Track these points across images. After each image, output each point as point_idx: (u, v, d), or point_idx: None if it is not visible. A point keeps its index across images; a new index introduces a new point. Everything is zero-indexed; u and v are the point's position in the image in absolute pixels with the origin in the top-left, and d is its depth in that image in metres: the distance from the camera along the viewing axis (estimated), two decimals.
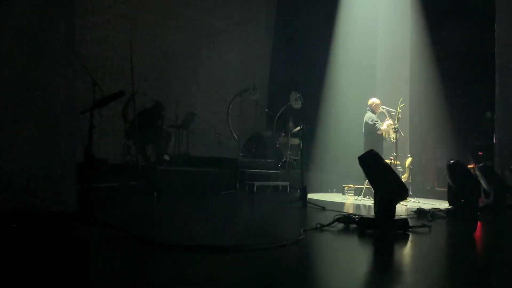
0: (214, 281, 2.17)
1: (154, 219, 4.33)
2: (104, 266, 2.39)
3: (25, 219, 2.95)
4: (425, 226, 4.11)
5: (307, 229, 3.55)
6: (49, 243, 2.73)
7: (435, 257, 3.18)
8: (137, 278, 2.17)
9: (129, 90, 6.83)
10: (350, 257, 2.99)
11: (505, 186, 5.99)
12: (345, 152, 9.59)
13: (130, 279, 2.16)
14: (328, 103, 10.47)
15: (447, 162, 5.58)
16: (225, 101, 10.27)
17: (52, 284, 1.97)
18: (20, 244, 2.65)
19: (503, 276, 2.58)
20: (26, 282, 1.96)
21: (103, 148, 7.81)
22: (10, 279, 1.98)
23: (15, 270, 2.12)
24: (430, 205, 6.55)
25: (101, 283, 2.09)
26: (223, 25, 10.46)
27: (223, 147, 10.33)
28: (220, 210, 5.34)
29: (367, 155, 3.97)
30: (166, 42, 9.09)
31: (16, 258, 2.35)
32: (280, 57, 11.33)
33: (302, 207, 5.42)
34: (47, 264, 2.28)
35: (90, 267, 2.39)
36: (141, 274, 2.27)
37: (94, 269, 2.37)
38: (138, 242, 2.84)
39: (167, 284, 2.10)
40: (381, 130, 7.37)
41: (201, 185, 6.79)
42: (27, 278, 2.01)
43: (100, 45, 7.87)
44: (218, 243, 2.79)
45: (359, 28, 10.16)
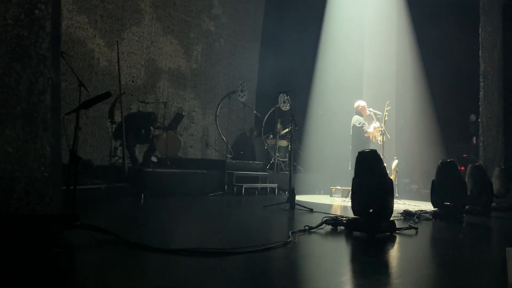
0: (202, 285, 2.15)
1: (142, 221, 4.29)
2: (91, 271, 2.35)
3: (8, 222, 2.89)
4: (412, 228, 4.15)
5: (295, 231, 3.55)
6: (33, 247, 2.68)
7: (423, 259, 3.21)
8: (125, 282, 2.14)
9: (116, 91, 6.77)
10: (338, 259, 3.00)
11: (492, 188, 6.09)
12: (332, 154, 9.66)
13: (118, 283, 2.13)
14: (316, 105, 10.53)
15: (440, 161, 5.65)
16: (213, 103, 10.25)
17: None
18: (2, 247, 2.59)
19: (489, 277, 2.62)
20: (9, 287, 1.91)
21: (89, 150, 7.72)
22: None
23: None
24: (416, 206, 6.62)
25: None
26: (211, 26, 10.44)
27: (211, 149, 10.30)
28: (208, 212, 5.31)
29: (370, 153, 3.99)
30: (154, 43, 9.03)
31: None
32: (268, 59, 11.35)
33: (290, 209, 5.42)
34: (30, 268, 2.23)
35: (76, 272, 2.35)
36: (129, 278, 2.24)
37: (80, 273, 2.32)
38: (125, 246, 2.80)
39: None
40: (368, 132, 7.43)
41: (189, 187, 6.75)
42: (9, 283, 1.97)
43: (86, 46, 7.78)
44: (206, 246, 2.77)
45: (346, 31, 10.24)
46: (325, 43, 10.52)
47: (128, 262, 2.56)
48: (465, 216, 5.29)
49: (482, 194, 5.87)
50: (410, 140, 10.39)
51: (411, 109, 10.42)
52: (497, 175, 7.21)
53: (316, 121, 10.44)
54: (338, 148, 9.15)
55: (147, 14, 8.91)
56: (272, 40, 11.44)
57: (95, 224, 3.07)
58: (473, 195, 5.83)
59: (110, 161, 7.01)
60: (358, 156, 3.99)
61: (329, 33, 10.48)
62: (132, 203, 5.42)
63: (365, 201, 3.87)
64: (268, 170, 8.88)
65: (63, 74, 6.43)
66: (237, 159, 8.64)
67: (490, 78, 9.20)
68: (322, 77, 10.49)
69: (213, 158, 10.26)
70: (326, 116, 10.31)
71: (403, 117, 10.50)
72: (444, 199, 5.33)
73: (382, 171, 3.93)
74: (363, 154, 4.03)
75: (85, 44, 7.77)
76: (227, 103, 8.66)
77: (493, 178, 7.08)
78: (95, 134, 7.85)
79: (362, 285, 2.27)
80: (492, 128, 9.15)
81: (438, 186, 5.41)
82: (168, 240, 3.36)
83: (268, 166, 9.04)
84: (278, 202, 5.82)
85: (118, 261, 2.58)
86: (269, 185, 8.18)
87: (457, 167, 5.61)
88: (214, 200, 6.39)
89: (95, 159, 7.46)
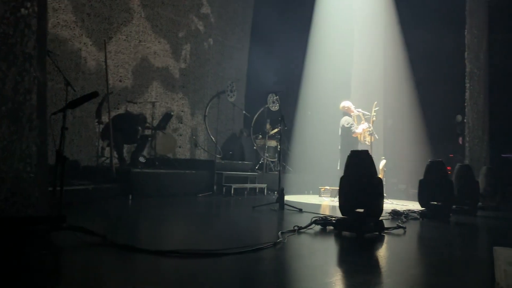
0: (190, 287, 2.14)
1: (129, 222, 4.24)
2: (78, 273, 2.32)
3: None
4: (400, 228, 4.19)
5: (284, 232, 3.55)
6: (18, 249, 2.63)
7: (411, 259, 3.23)
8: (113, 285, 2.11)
9: (103, 90, 6.70)
10: (327, 259, 3.01)
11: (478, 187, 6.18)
12: (321, 154, 9.70)
13: (105, 286, 2.11)
14: (305, 106, 10.57)
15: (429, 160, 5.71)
16: (202, 103, 10.21)
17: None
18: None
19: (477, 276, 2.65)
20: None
21: (75, 150, 7.62)
22: None
23: None
24: (403, 206, 6.68)
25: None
26: (200, 26, 10.39)
27: (200, 149, 10.26)
28: (197, 213, 5.28)
29: (364, 153, 4.01)
30: (142, 42, 8.96)
31: None
32: (258, 59, 11.35)
33: (279, 209, 5.43)
34: (16, 271, 2.19)
35: (63, 274, 2.31)
36: (117, 281, 2.21)
37: (66, 276, 2.29)
38: (113, 247, 2.77)
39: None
40: (356, 133, 7.47)
41: (177, 187, 6.71)
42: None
43: (73, 44, 7.68)
44: (195, 247, 2.75)
45: (335, 32, 10.31)
46: (314, 44, 10.57)
47: (116, 264, 2.53)
48: (452, 215, 5.36)
49: (468, 193, 5.95)
50: (398, 140, 10.49)
51: (398, 110, 10.52)
52: (484, 174, 7.32)
53: (305, 122, 10.48)
54: (327, 148, 9.19)
55: (135, 13, 8.83)
56: (261, 40, 11.45)
57: (82, 225, 3.03)
58: (460, 195, 5.91)
59: (98, 161, 6.93)
60: (351, 154, 4.00)
61: (318, 34, 10.53)
62: (119, 204, 5.37)
63: (354, 201, 3.90)
64: (257, 170, 8.88)
65: (49, 73, 6.33)
66: (226, 159, 8.63)
67: (475, 79, 9.35)
68: (311, 77, 10.54)
69: (202, 158, 10.22)
70: (315, 117, 10.36)
71: (391, 117, 10.60)
72: (432, 199, 5.40)
73: (373, 171, 3.96)
74: (355, 153, 4.05)
75: (72, 43, 7.67)
76: (216, 103, 8.63)
77: (480, 177, 7.19)
78: (82, 134, 7.76)
79: (351, 285, 2.28)
80: (477, 129, 9.29)
81: (426, 186, 5.47)
82: (157, 241, 3.33)
83: (257, 166, 9.04)
84: (267, 203, 5.82)
85: (105, 263, 2.54)
86: (258, 185, 8.17)
87: (445, 167, 5.67)
88: (203, 201, 6.36)
89: (82, 159, 7.37)
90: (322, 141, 9.63)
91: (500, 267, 2.08)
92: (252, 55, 11.78)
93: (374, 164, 3.99)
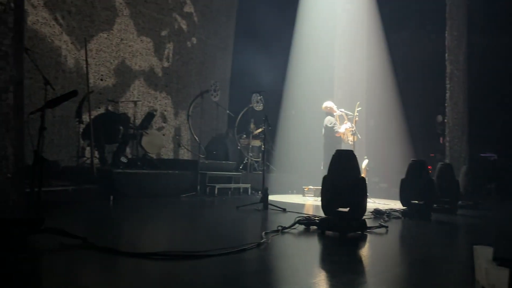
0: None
1: (111, 224, 4.17)
2: (57, 278, 2.25)
3: None
4: (382, 227, 4.23)
5: (268, 232, 3.54)
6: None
7: (394, 258, 3.26)
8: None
9: (84, 89, 6.57)
10: (311, 259, 3.01)
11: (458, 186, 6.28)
12: (305, 153, 9.74)
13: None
14: (289, 105, 10.60)
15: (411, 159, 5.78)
16: (185, 102, 10.13)
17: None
18: None
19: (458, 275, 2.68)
20: None
21: (55, 150, 7.47)
22: None
23: None
24: (385, 205, 6.75)
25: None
26: (183, 25, 10.31)
27: (183, 149, 10.18)
28: (180, 214, 5.23)
29: (349, 152, 4.02)
30: (124, 40, 8.83)
31: None
32: (241, 59, 11.33)
33: (263, 209, 5.42)
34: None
35: (41, 278, 2.25)
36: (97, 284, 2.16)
37: (45, 280, 2.22)
38: (93, 250, 2.71)
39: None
40: (339, 132, 7.52)
41: (160, 188, 6.63)
42: None
43: (53, 42, 7.52)
44: (178, 249, 2.72)
45: (318, 32, 10.37)
46: (298, 44, 10.61)
47: (97, 267, 2.48)
48: (433, 214, 5.43)
49: (449, 192, 6.04)
50: (380, 140, 10.62)
51: (380, 110, 10.65)
52: (464, 173, 7.46)
53: (289, 121, 10.51)
54: (311, 148, 9.23)
55: (117, 11, 8.70)
56: (245, 40, 11.42)
57: (61, 228, 2.95)
58: (441, 194, 5.99)
59: (78, 162, 6.80)
60: (335, 154, 4.02)
61: (301, 34, 10.57)
62: (100, 205, 5.27)
63: (337, 201, 3.91)
64: (241, 170, 8.85)
65: (27, 71, 6.17)
66: (210, 159, 8.58)
67: (455, 80, 9.52)
68: (295, 77, 10.57)
69: (185, 158, 10.14)
70: (299, 116, 10.39)
71: (373, 117, 10.73)
72: (413, 198, 5.47)
73: (357, 171, 3.98)
74: (340, 152, 4.07)
75: (52, 41, 7.50)
76: (199, 103, 8.57)
77: (460, 176, 7.32)
78: (62, 134, 7.60)
79: (335, 285, 2.28)
80: (457, 128, 9.47)
81: (408, 185, 5.53)
82: (139, 243, 3.28)
83: (241, 166, 9.02)
84: (251, 203, 5.80)
85: (86, 267, 2.49)
86: (242, 185, 8.15)
87: (426, 166, 5.75)
88: (187, 201, 6.31)
89: (62, 159, 7.22)
90: (306, 141, 9.67)
91: (481, 265, 2.11)
92: (236, 55, 11.75)
93: (358, 163, 4.02)
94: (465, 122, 9.44)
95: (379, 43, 10.41)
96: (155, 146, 7.61)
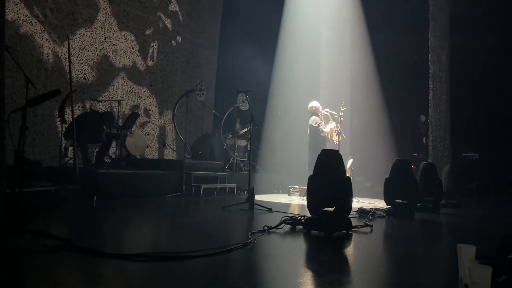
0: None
1: (94, 225, 4.11)
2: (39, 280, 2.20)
3: None
4: (367, 226, 4.26)
5: (254, 232, 3.54)
6: None
7: (378, 257, 3.29)
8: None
9: (67, 88, 6.46)
10: (297, 259, 3.01)
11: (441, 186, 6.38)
12: (290, 153, 9.77)
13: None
14: (274, 105, 10.61)
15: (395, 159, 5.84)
16: (170, 102, 10.05)
17: None
18: None
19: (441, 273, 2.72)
20: None
21: (37, 150, 7.33)
22: None
23: None
24: (370, 204, 6.82)
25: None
26: (168, 23, 10.23)
27: (168, 149, 10.10)
28: (165, 215, 5.19)
29: (334, 152, 4.04)
30: (107, 39, 8.71)
31: None
32: (227, 58, 11.30)
33: (249, 209, 5.41)
34: None
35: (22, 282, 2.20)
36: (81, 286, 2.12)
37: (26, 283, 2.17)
38: (77, 252, 2.66)
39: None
40: (324, 132, 7.56)
41: (145, 188, 6.56)
42: None
43: (35, 40, 7.37)
44: (163, 250, 2.69)
45: (303, 33, 10.42)
46: (284, 44, 10.63)
47: (80, 269, 2.43)
48: (416, 213, 5.50)
49: (432, 191, 6.13)
50: (364, 139, 10.72)
51: (365, 110, 10.76)
52: (446, 172, 7.58)
53: (275, 121, 10.52)
54: (296, 148, 9.26)
55: (101, 9, 8.58)
56: (231, 39, 11.40)
57: (43, 229, 2.90)
58: (424, 193, 6.07)
59: (61, 162, 6.68)
60: (321, 154, 4.03)
61: (287, 35, 10.59)
62: (84, 206, 5.19)
63: (322, 200, 3.93)
64: (227, 170, 8.83)
65: (8, 70, 6.05)
66: (196, 159, 8.53)
67: (438, 80, 9.67)
68: (280, 77, 10.59)
69: (170, 158, 10.06)
70: (284, 116, 10.42)
71: (358, 117, 10.83)
72: (397, 197, 5.53)
73: (342, 171, 4.00)
74: (326, 152, 4.08)
75: (34, 39, 7.35)
76: (185, 102, 8.51)
77: (444, 175, 7.43)
78: (44, 133, 7.46)
79: (320, 285, 2.29)
80: (440, 128, 9.63)
81: (391, 184, 5.59)
82: (123, 244, 3.24)
83: (227, 166, 8.99)
84: (237, 203, 5.79)
85: (69, 269, 2.44)
86: (228, 185, 8.12)
87: (410, 166, 5.82)
88: (172, 202, 6.26)
89: (44, 159, 7.09)
90: (292, 141, 9.70)
91: (464, 263, 2.14)
92: (222, 54, 11.71)
93: (343, 163, 4.04)
94: (447, 122, 9.61)
95: (363, 44, 10.52)
96: (138, 147, 7.54)
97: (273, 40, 10.60)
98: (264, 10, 10.45)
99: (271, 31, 10.60)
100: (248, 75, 10.11)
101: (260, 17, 10.50)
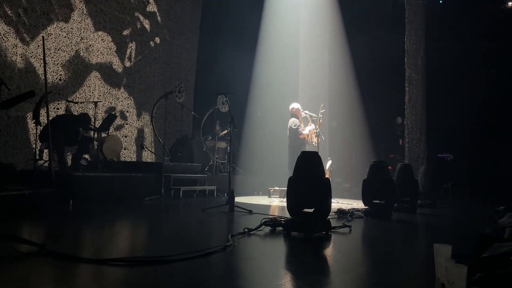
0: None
1: (70, 230, 4.01)
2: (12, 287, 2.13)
3: None
4: (346, 226, 4.31)
5: (235, 234, 3.53)
6: None
7: (357, 257, 3.33)
8: None
9: (42, 90, 6.31)
10: (277, 261, 3.02)
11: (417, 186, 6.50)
12: (270, 155, 9.80)
13: None
14: (254, 107, 10.62)
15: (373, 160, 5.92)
16: (148, 103, 9.94)
17: None
18: None
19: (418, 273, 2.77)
20: None
21: (11, 153, 7.12)
22: None
23: None
24: (348, 205, 6.90)
25: None
26: (146, 24, 10.11)
27: (147, 151, 9.98)
28: (143, 218, 5.11)
29: (313, 154, 4.06)
30: (84, 40, 8.55)
31: None
32: (207, 59, 11.25)
33: (229, 211, 5.39)
34: None
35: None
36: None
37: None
38: (52, 257, 2.59)
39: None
40: (303, 134, 7.61)
41: (122, 191, 6.46)
42: None
43: (8, 40, 7.17)
44: (141, 255, 2.65)
45: (282, 35, 10.47)
46: (263, 45, 10.66)
47: (55, 275, 2.37)
48: (393, 213, 5.60)
49: (409, 192, 6.25)
50: (342, 141, 10.85)
51: (343, 112, 10.90)
52: (422, 173, 7.74)
53: (254, 123, 10.53)
54: (276, 150, 9.30)
55: (77, 9, 8.42)
56: (211, 40, 11.36)
57: (16, 234, 2.81)
58: (401, 193, 6.19)
59: (35, 165, 6.50)
60: (301, 155, 4.05)
61: (267, 36, 10.63)
62: (59, 210, 5.06)
63: (302, 201, 3.95)
64: (207, 172, 8.78)
65: None
66: (175, 161, 8.45)
67: (414, 83, 9.88)
68: (260, 79, 10.62)
69: (149, 160, 9.94)
70: (264, 118, 10.44)
71: (336, 119, 10.95)
72: (375, 198, 5.61)
73: (321, 172, 4.03)
74: (305, 154, 4.11)
75: (7, 39, 7.16)
76: (163, 104, 8.42)
77: (420, 176, 7.58)
78: (18, 136, 7.26)
79: (301, 287, 2.29)
80: (416, 130, 9.83)
81: (369, 185, 5.67)
82: (100, 249, 3.17)
83: (206, 168, 8.94)
84: (217, 205, 5.76)
85: (44, 275, 2.37)
86: (207, 187, 8.08)
87: (387, 166, 5.92)
88: (150, 205, 6.18)
89: (18, 163, 6.90)
90: (271, 142, 9.73)
91: (440, 263, 2.18)
92: (201, 55, 11.65)
93: (322, 164, 4.07)
94: (423, 124, 9.82)
95: (341, 46, 10.65)
96: (114, 151, 7.43)
97: (252, 42, 10.62)
98: (243, 12, 10.47)
99: (251, 33, 10.62)
100: (227, 77, 10.10)
101: (240, 19, 10.51)
